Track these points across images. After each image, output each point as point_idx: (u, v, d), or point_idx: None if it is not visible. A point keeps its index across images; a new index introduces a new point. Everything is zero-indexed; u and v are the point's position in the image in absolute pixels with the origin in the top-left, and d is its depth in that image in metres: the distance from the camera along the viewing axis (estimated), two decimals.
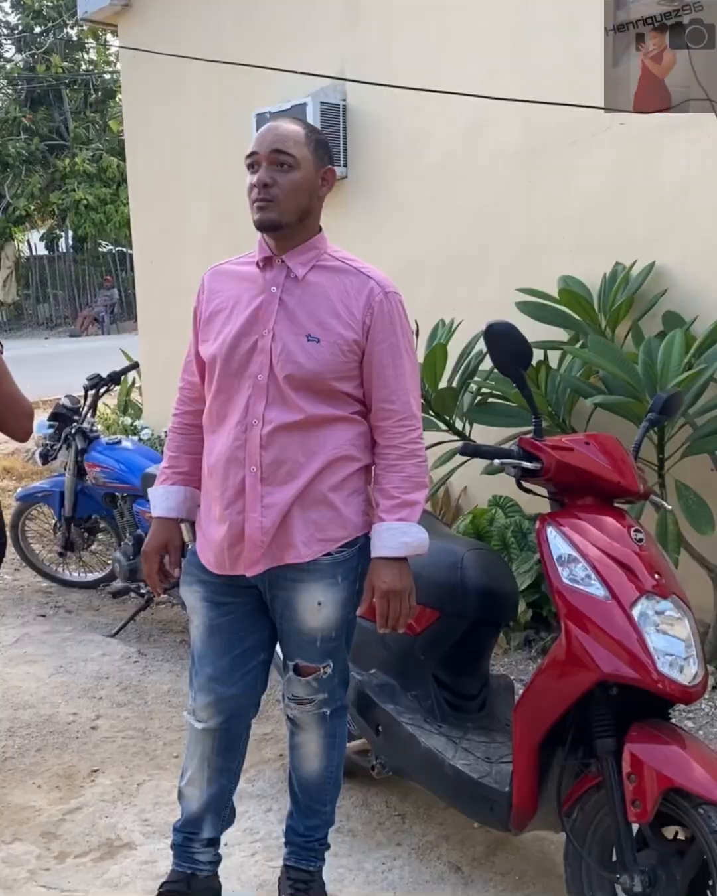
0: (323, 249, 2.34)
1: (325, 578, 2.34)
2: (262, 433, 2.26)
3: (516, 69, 4.53)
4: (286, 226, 2.26)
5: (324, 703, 2.48)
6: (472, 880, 2.75)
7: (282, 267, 2.31)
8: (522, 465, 2.36)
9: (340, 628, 2.41)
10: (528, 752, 2.34)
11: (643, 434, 2.59)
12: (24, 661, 4.40)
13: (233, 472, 2.30)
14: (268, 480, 2.28)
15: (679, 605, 2.24)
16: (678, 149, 3.99)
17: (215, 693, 2.44)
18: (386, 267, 6.02)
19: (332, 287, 2.29)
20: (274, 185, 2.22)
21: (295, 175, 2.24)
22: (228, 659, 2.43)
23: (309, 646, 2.40)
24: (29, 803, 3.21)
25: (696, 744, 2.21)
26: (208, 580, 2.41)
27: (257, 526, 2.29)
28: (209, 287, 2.43)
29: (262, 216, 2.24)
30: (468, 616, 2.77)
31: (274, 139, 2.24)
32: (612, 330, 4.05)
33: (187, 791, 2.56)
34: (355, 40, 5.32)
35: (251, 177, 2.27)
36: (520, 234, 4.63)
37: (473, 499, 4.90)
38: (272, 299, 2.28)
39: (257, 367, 2.26)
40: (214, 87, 6.19)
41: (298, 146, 2.25)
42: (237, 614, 2.42)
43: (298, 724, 2.54)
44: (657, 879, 2.14)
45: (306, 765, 2.56)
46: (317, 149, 2.30)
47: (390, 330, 2.30)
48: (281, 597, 2.37)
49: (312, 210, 2.32)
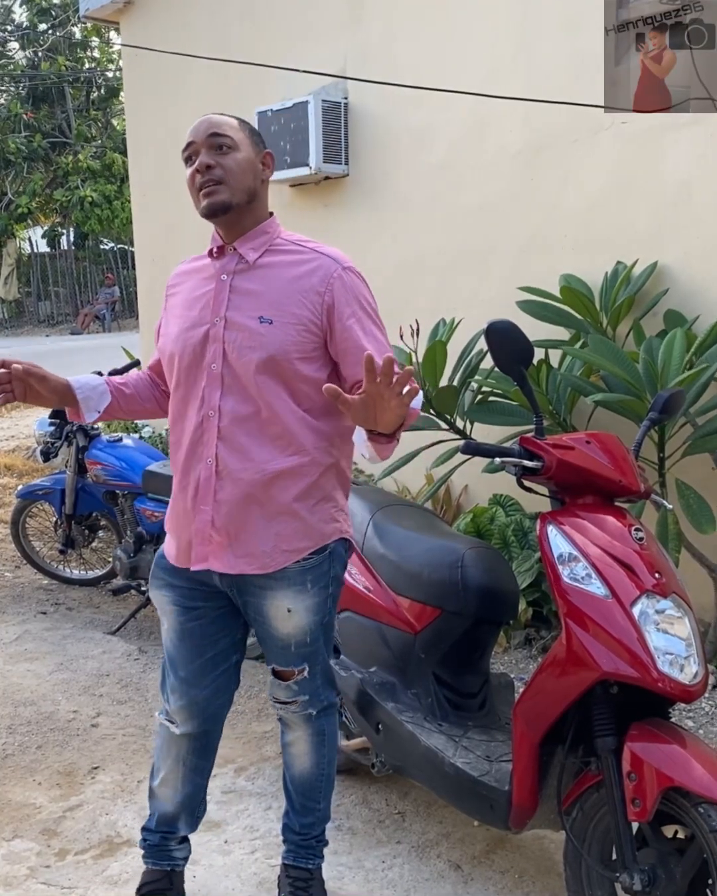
0: (275, 234, 2.31)
1: (293, 586, 2.30)
2: (219, 424, 2.22)
3: (517, 68, 4.53)
4: (236, 207, 2.21)
5: (308, 704, 2.47)
6: (472, 878, 2.76)
7: (233, 254, 2.27)
8: (523, 464, 2.36)
9: (314, 632, 2.38)
10: (528, 750, 2.34)
11: (643, 433, 2.59)
12: (25, 659, 4.41)
13: (193, 465, 2.27)
14: (223, 474, 2.23)
15: (680, 604, 2.24)
16: (679, 147, 3.98)
17: (188, 696, 2.43)
18: (388, 265, 6.08)
19: (285, 268, 2.24)
20: (217, 167, 2.19)
21: (237, 155, 2.21)
22: (199, 662, 2.41)
23: (284, 651, 2.39)
24: (29, 800, 3.21)
25: (696, 743, 2.20)
26: (178, 584, 2.38)
27: (207, 519, 2.25)
28: (168, 287, 2.42)
29: (211, 200, 2.20)
30: (469, 614, 2.77)
31: (208, 126, 2.22)
32: (613, 329, 4.05)
33: (161, 791, 2.56)
34: (357, 39, 5.32)
35: (189, 168, 2.23)
36: (521, 232, 4.63)
37: (473, 497, 4.90)
38: (223, 287, 2.25)
39: (211, 357, 2.22)
40: (215, 86, 6.18)
41: (234, 130, 2.23)
42: (208, 618, 2.39)
43: (287, 722, 2.54)
44: (657, 878, 2.14)
45: (298, 763, 2.56)
46: (252, 134, 2.28)
47: (355, 304, 2.24)
48: (251, 603, 2.35)
49: (259, 193, 2.28)
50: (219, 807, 3.13)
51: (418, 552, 2.91)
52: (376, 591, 2.96)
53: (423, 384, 4.00)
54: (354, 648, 3.03)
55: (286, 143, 5.40)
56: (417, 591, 2.87)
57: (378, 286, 5.72)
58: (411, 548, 2.94)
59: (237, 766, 3.41)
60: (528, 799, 2.37)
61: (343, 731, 3.10)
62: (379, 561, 2.99)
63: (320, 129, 5.26)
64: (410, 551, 2.93)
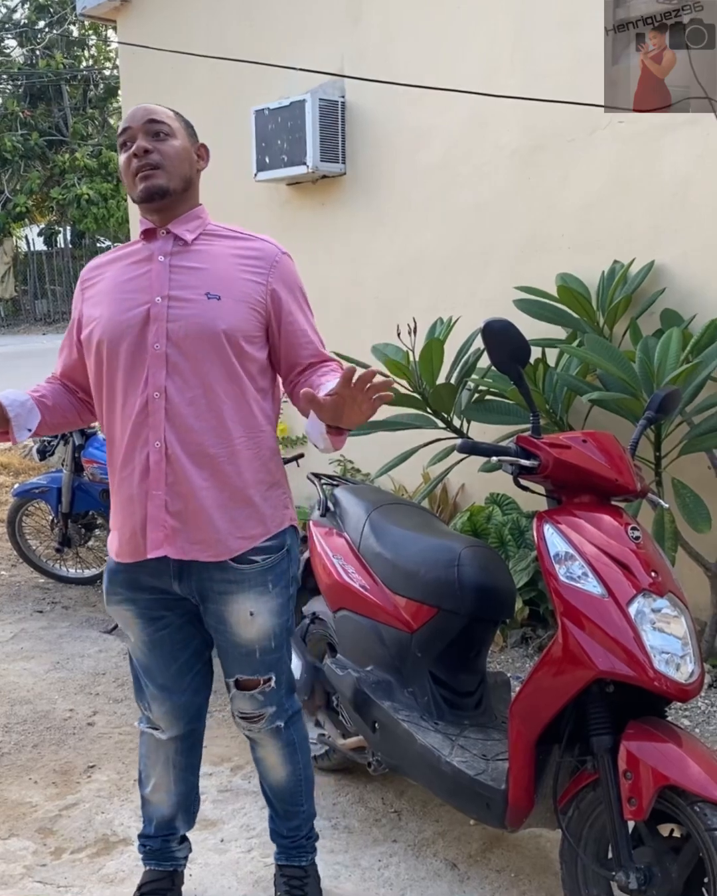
0: (207, 220, 2.30)
1: (255, 587, 2.27)
2: (166, 406, 2.16)
3: (515, 67, 4.53)
4: (173, 193, 2.20)
5: (275, 716, 2.43)
6: (468, 877, 2.76)
7: (167, 236, 2.24)
8: (519, 463, 2.35)
9: (278, 637, 2.35)
10: (524, 749, 2.34)
11: (640, 432, 2.59)
12: (21, 657, 4.40)
13: (139, 450, 2.19)
14: (173, 457, 2.17)
15: (676, 603, 2.24)
16: (677, 147, 3.99)
17: (170, 701, 2.42)
18: (385, 264, 6.07)
19: (225, 248, 2.24)
20: (155, 152, 2.17)
21: (174, 142, 2.20)
22: (175, 668, 2.39)
23: (248, 658, 2.34)
24: (25, 799, 3.21)
25: (692, 741, 2.20)
26: (139, 598, 2.33)
27: (160, 504, 2.19)
28: (84, 280, 2.36)
29: (149, 184, 2.17)
30: (465, 613, 2.77)
31: (145, 112, 2.21)
32: (610, 328, 4.06)
33: (155, 797, 2.56)
34: (355, 37, 5.31)
35: (124, 153, 2.21)
36: (519, 231, 4.63)
37: (470, 496, 4.90)
38: (162, 267, 2.20)
39: (153, 337, 2.16)
40: (212, 84, 6.18)
41: (171, 119, 2.23)
42: (174, 626, 2.36)
43: (256, 740, 2.50)
44: (653, 877, 2.14)
45: (273, 774, 2.54)
46: (187, 126, 2.28)
47: (297, 290, 2.28)
48: (212, 610, 2.30)
49: (194, 182, 2.28)
50: (215, 806, 3.14)
51: (415, 551, 2.91)
52: (373, 589, 2.96)
53: (420, 383, 4.00)
54: (351, 647, 3.03)
55: (283, 142, 5.40)
56: (413, 589, 2.87)
57: (375, 285, 5.75)
58: (407, 547, 2.94)
59: (233, 764, 3.40)
60: (524, 797, 2.37)
61: (340, 730, 3.10)
62: (376, 560, 2.99)
63: (318, 127, 5.25)
64: (406, 550, 2.93)
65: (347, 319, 5.44)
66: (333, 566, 3.08)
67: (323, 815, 3.08)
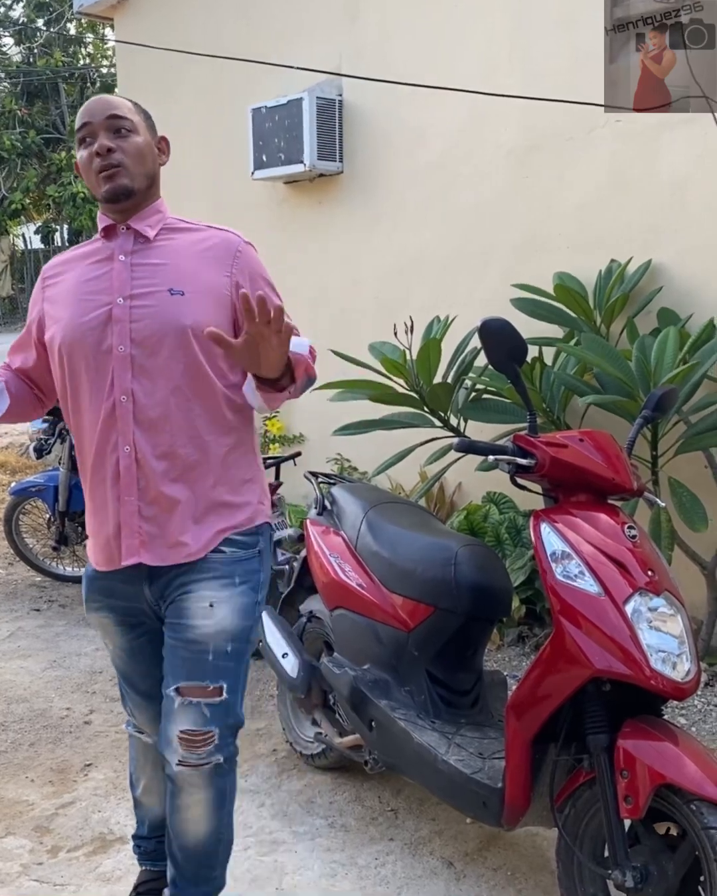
0: (166, 214, 2.22)
1: (218, 578, 2.15)
2: (134, 410, 2.08)
3: (513, 65, 4.53)
4: (138, 192, 2.13)
5: (219, 748, 2.18)
6: (464, 875, 2.76)
7: (128, 233, 2.16)
8: (516, 462, 2.35)
9: (237, 642, 2.16)
10: (521, 747, 2.34)
11: (636, 431, 2.59)
12: (18, 656, 4.40)
13: (108, 455, 2.12)
14: (143, 461, 2.10)
15: (672, 602, 2.24)
16: (674, 146, 3.99)
17: (153, 709, 2.32)
18: (382, 263, 6.05)
19: (187, 243, 2.17)
20: (118, 151, 2.09)
21: (137, 139, 2.12)
22: (157, 674, 2.26)
23: (198, 658, 2.14)
24: (22, 797, 3.21)
25: (688, 740, 2.21)
26: (116, 605, 2.26)
27: (133, 511, 2.12)
28: (45, 278, 2.27)
29: (114, 184, 2.10)
30: (462, 612, 2.77)
31: (106, 106, 2.12)
32: (607, 327, 4.06)
33: (146, 799, 2.50)
34: (353, 35, 5.31)
35: (85, 150, 2.12)
36: (516, 230, 4.63)
37: (467, 495, 4.90)
38: (123, 266, 2.12)
39: (117, 339, 2.07)
40: (210, 82, 6.17)
41: (132, 113, 2.14)
42: (152, 633, 2.27)
43: (182, 784, 2.21)
44: (649, 875, 2.14)
45: (192, 830, 2.25)
46: (147, 119, 2.19)
47: (261, 280, 2.18)
48: (172, 606, 2.17)
49: (156, 178, 2.21)
50: None
51: (412, 550, 2.91)
52: (370, 588, 2.97)
53: (417, 382, 4.01)
54: (348, 646, 3.03)
55: (281, 141, 5.40)
56: (410, 588, 2.87)
57: (373, 284, 5.74)
58: (404, 545, 2.94)
59: None
60: (520, 796, 2.37)
61: (336, 729, 3.10)
62: (372, 558, 2.99)
63: (315, 126, 5.25)
64: (403, 549, 2.93)
65: (345, 318, 5.44)
66: (330, 564, 3.08)
67: (320, 813, 3.09)
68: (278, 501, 4.55)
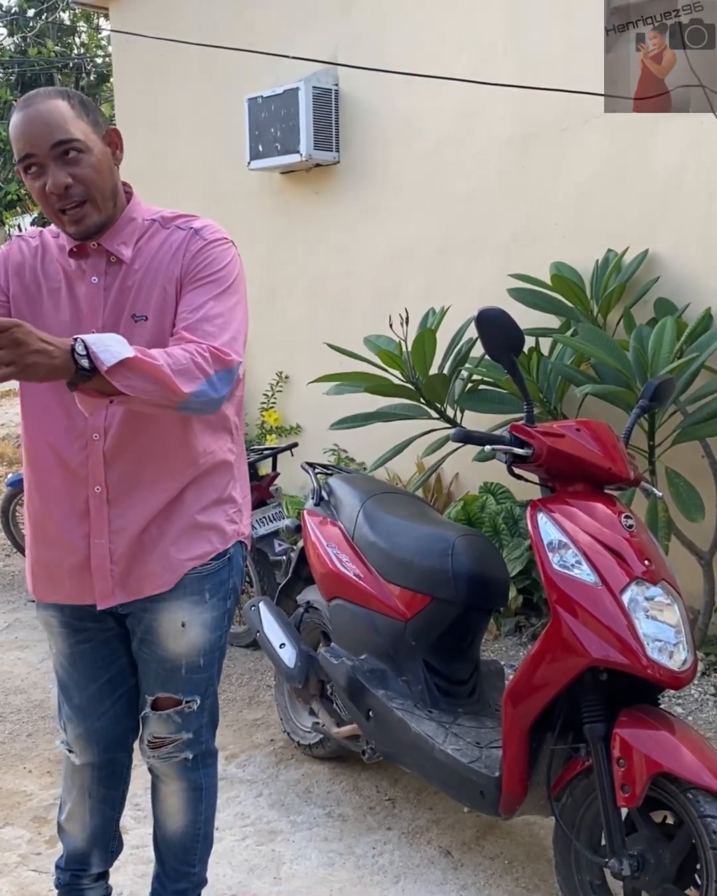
0: (139, 217, 2.00)
1: (189, 595, 2.07)
2: (104, 448, 1.96)
3: (508, 55, 4.52)
4: (108, 220, 1.94)
5: (187, 746, 2.19)
6: (462, 864, 2.77)
7: (100, 252, 1.97)
8: (513, 452, 2.35)
9: (209, 654, 2.14)
10: (518, 737, 2.35)
11: (633, 421, 2.59)
12: (15, 647, 4.41)
13: (76, 492, 1.99)
14: (116, 501, 1.98)
15: (669, 591, 2.25)
16: (669, 136, 3.98)
17: (85, 725, 2.20)
18: (378, 253, 6.03)
19: (156, 256, 1.96)
20: (75, 184, 1.86)
21: (91, 159, 1.88)
22: (94, 688, 2.17)
23: (172, 674, 2.12)
24: (20, 788, 3.21)
25: (685, 729, 2.22)
26: (65, 604, 2.12)
27: (105, 553, 2.00)
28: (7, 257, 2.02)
29: (80, 227, 1.90)
30: (459, 602, 2.78)
31: (47, 131, 1.84)
32: (604, 317, 4.06)
33: (69, 826, 2.32)
34: (348, 25, 5.29)
35: (36, 182, 1.88)
36: (512, 220, 4.62)
37: (464, 485, 4.90)
38: (96, 291, 1.95)
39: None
40: (205, 72, 6.15)
41: (75, 122, 1.87)
42: (98, 640, 2.14)
43: (159, 774, 2.26)
44: (646, 863, 2.15)
45: (170, 821, 2.28)
46: (89, 115, 1.93)
47: (202, 266, 1.94)
48: (141, 620, 2.10)
49: (117, 185, 1.98)
50: None
51: (409, 540, 2.92)
52: (367, 578, 2.97)
53: (413, 373, 4.00)
54: (345, 636, 3.04)
55: (277, 131, 5.38)
56: (407, 578, 2.87)
57: (369, 273, 5.73)
58: (401, 535, 2.94)
59: (228, 753, 3.41)
60: (518, 785, 2.38)
61: (334, 719, 3.10)
62: (370, 549, 2.99)
63: (311, 116, 5.23)
64: (400, 539, 2.93)
65: (341, 308, 5.43)
66: (328, 555, 3.09)
67: (317, 803, 3.10)
68: (276, 492, 4.55)
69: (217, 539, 2.10)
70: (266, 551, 4.28)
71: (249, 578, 4.36)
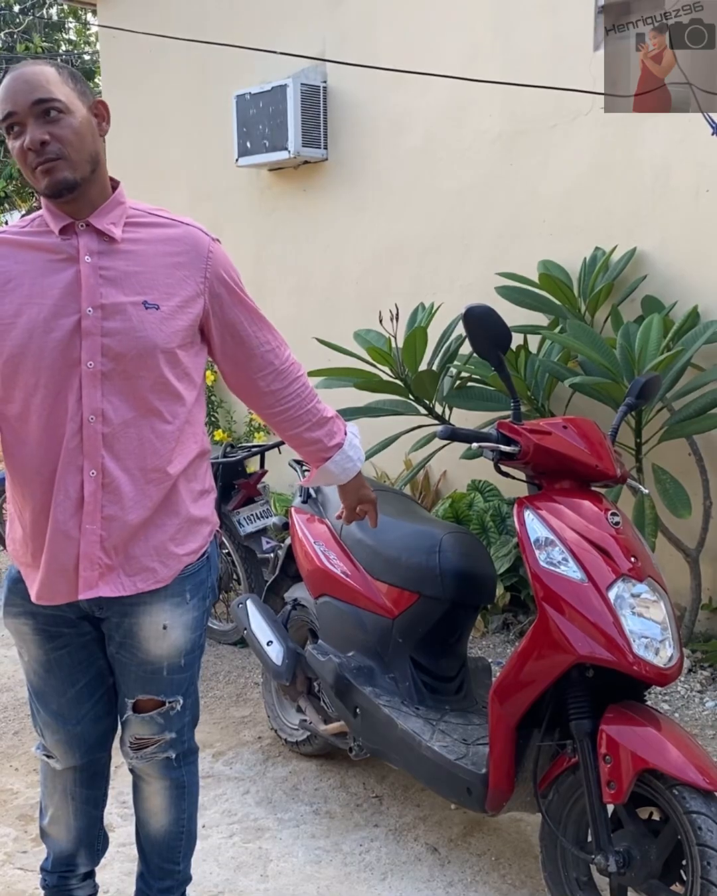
0: (127, 205, 1.98)
1: (171, 597, 2.04)
2: (103, 431, 1.90)
3: (497, 51, 4.52)
4: (83, 181, 1.88)
5: (170, 745, 2.18)
6: (449, 861, 2.77)
7: (89, 231, 1.91)
8: (500, 449, 2.35)
9: (190, 654, 2.12)
10: (504, 733, 2.35)
11: (620, 418, 2.60)
12: (2, 645, 4.39)
13: (70, 479, 1.92)
14: (110, 486, 1.93)
15: (655, 588, 2.25)
16: (658, 133, 3.99)
17: (63, 731, 2.15)
18: (367, 250, 6.04)
19: (155, 244, 1.95)
20: (52, 141, 1.83)
21: (72, 120, 1.85)
22: (72, 693, 2.12)
23: (154, 676, 2.09)
24: (6, 786, 3.20)
25: (671, 725, 2.22)
26: (38, 611, 2.05)
27: (95, 540, 1.94)
28: None
29: (53, 178, 1.84)
30: (446, 599, 2.78)
31: (28, 90, 1.83)
32: (591, 314, 4.06)
33: (53, 830, 2.30)
34: (336, 22, 5.29)
35: (16, 141, 1.86)
36: (501, 217, 4.63)
37: (452, 483, 4.91)
38: (91, 270, 1.88)
39: (86, 354, 1.87)
40: (193, 68, 6.14)
41: (59, 85, 1.85)
42: (75, 645, 2.09)
43: (141, 774, 2.26)
44: (632, 859, 2.16)
45: (154, 820, 2.28)
46: (77, 84, 1.91)
47: (232, 281, 2.02)
48: (120, 625, 2.05)
49: (100, 155, 1.94)
50: None
51: (396, 537, 2.91)
52: (354, 575, 2.97)
53: (402, 369, 4.00)
54: (333, 633, 3.03)
55: (265, 127, 5.37)
56: (394, 575, 2.87)
57: (357, 270, 5.72)
58: (389, 533, 2.94)
59: (215, 750, 3.41)
60: (504, 782, 2.38)
61: (321, 716, 3.10)
62: (357, 546, 2.99)
63: (299, 112, 5.23)
64: (388, 536, 2.93)
65: (329, 305, 5.43)
66: (315, 552, 3.08)
67: (304, 800, 3.09)
68: (263, 489, 4.54)
69: (207, 533, 2.10)
70: (254, 548, 4.27)
71: (236, 576, 4.36)
